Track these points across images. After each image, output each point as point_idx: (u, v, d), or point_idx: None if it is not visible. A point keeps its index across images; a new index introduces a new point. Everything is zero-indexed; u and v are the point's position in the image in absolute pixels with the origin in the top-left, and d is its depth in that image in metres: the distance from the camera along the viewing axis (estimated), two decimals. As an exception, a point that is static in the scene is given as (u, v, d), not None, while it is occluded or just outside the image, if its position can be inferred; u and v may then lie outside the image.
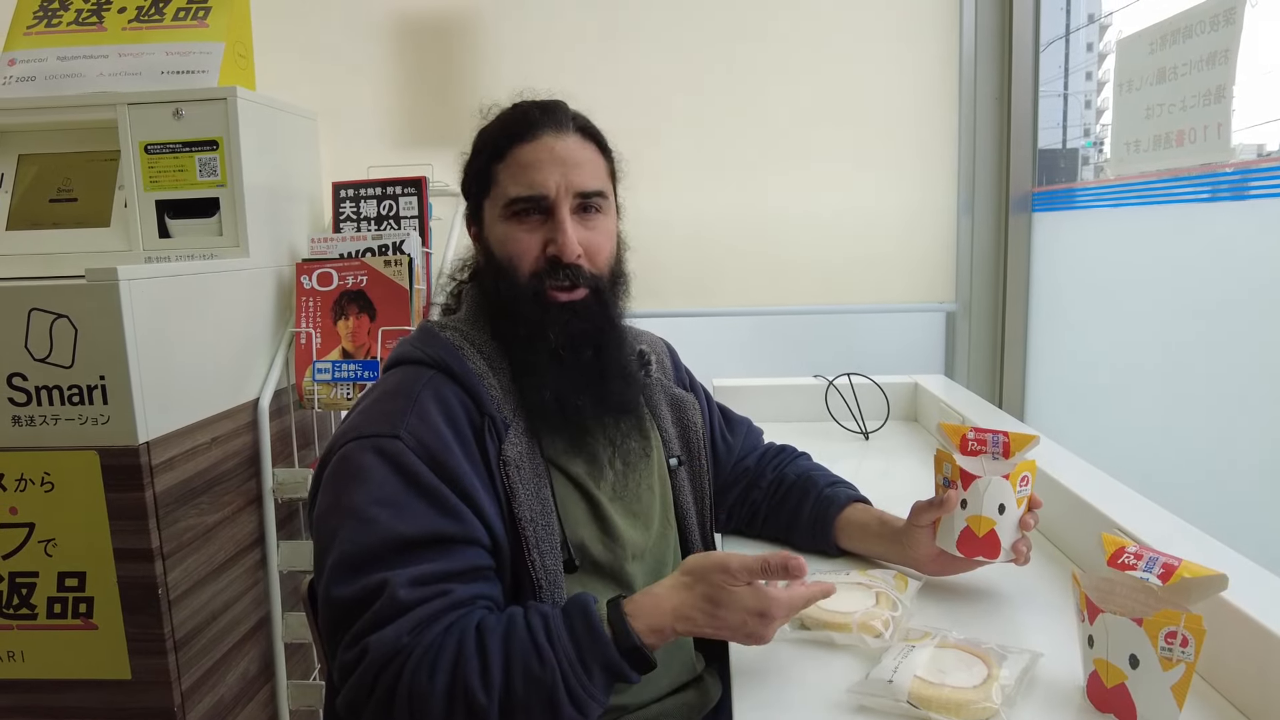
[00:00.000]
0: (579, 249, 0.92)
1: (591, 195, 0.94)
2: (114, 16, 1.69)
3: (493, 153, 0.95)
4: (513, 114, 0.97)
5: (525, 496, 0.88)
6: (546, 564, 0.88)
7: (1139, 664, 0.69)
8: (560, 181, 0.91)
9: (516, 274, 0.93)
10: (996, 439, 0.97)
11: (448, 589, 0.80)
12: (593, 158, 0.96)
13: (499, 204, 0.94)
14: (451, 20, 2.03)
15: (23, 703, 1.33)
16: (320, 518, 0.85)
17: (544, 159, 0.92)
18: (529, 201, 0.92)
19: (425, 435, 0.84)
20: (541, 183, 0.91)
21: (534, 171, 0.91)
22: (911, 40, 1.97)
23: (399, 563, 0.79)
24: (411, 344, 0.95)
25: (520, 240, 0.92)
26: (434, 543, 0.81)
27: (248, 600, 1.57)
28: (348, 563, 0.80)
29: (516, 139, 0.93)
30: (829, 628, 0.87)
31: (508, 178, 0.93)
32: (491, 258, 0.96)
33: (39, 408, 1.26)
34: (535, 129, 0.93)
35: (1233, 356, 1.26)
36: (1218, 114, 1.21)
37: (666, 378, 1.14)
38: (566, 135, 0.94)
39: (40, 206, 1.68)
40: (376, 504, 0.81)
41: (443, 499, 0.83)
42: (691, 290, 2.06)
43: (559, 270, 0.92)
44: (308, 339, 1.69)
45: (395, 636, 0.76)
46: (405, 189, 1.82)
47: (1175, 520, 0.98)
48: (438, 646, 0.76)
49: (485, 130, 0.98)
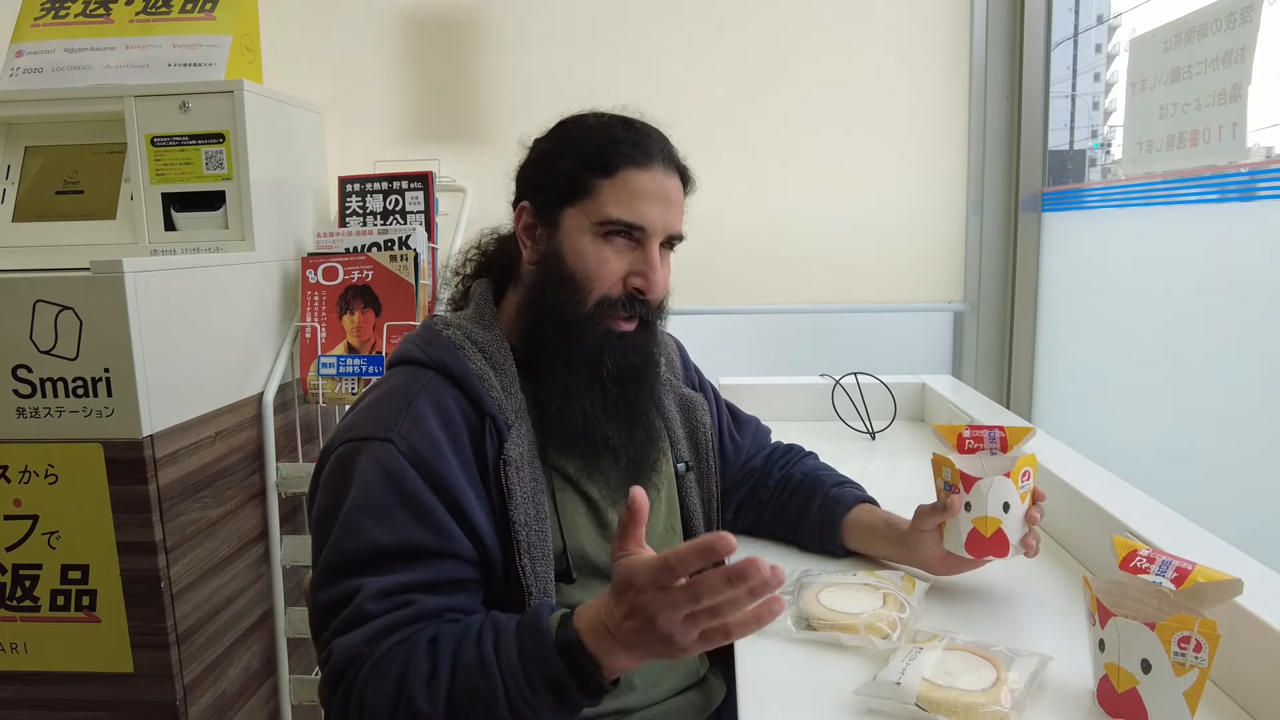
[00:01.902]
0: (666, 288, 0.94)
1: (676, 238, 0.95)
2: (121, 9, 1.68)
3: (599, 163, 0.91)
4: (627, 133, 0.93)
5: (521, 500, 0.87)
6: (537, 570, 0.87)
7: (1151, 669, 0.68)
8: (661, 219, 0.91)
9: (588, 291, 0.91)
10: (993, 434, 0.96)
11: (413, 599, 0.80)
12: (683, 201, 0.97)
13: (592, 218, 0.90)
14: (459, 15, 2.02)
15: (25, 695, 1.33)
16: (316, 521, 0.87)
17: (654, 192, 0.91)
18: (626, 227, 0.90)
19: (417, 439, 0.84)
20: (648, 215, 0.90)
21: (642, 202, 0.90)
22: (922, 39, 1.96)
23: (372, 571, 0.80)
24: (413, 343, 0.95)
25: (607, 261, 0.91)
26: (409, 554, 0.81)
27: (250, 595, 1.57)
28: (328, 568, 0.82)
29: (630, 161, 0.90)
30: (836, 629, 0.86)
31: (612, 197, 0.90)
32: (560, 265, 0.92)
33: (43, 400, 1.26)
34: (651, 159, 0.91)
35: (1242, 357, 1.25)
36: (1233, 114, 1.20)
37: (676, 377, 1.13)
38: (673, 174, 0.94)
39: (46, 198, 1.68)
40: (360, 510, 0.82)
41: (425, 509, 0.82)
42: (700, 289, 2.05)
43: (634, 302, 0.92)
44: (313, 333, 1.69)
45: (355, 644, 0.77)
46: (411, 184, 1.81)
47: (1187, 523, 0.97)
48: (389, 658, 0.77)
49: (588, 134, 0.94)
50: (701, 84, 2.00)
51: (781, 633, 0.88)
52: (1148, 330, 1.51)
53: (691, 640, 0.67)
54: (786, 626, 0.88)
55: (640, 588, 0.67)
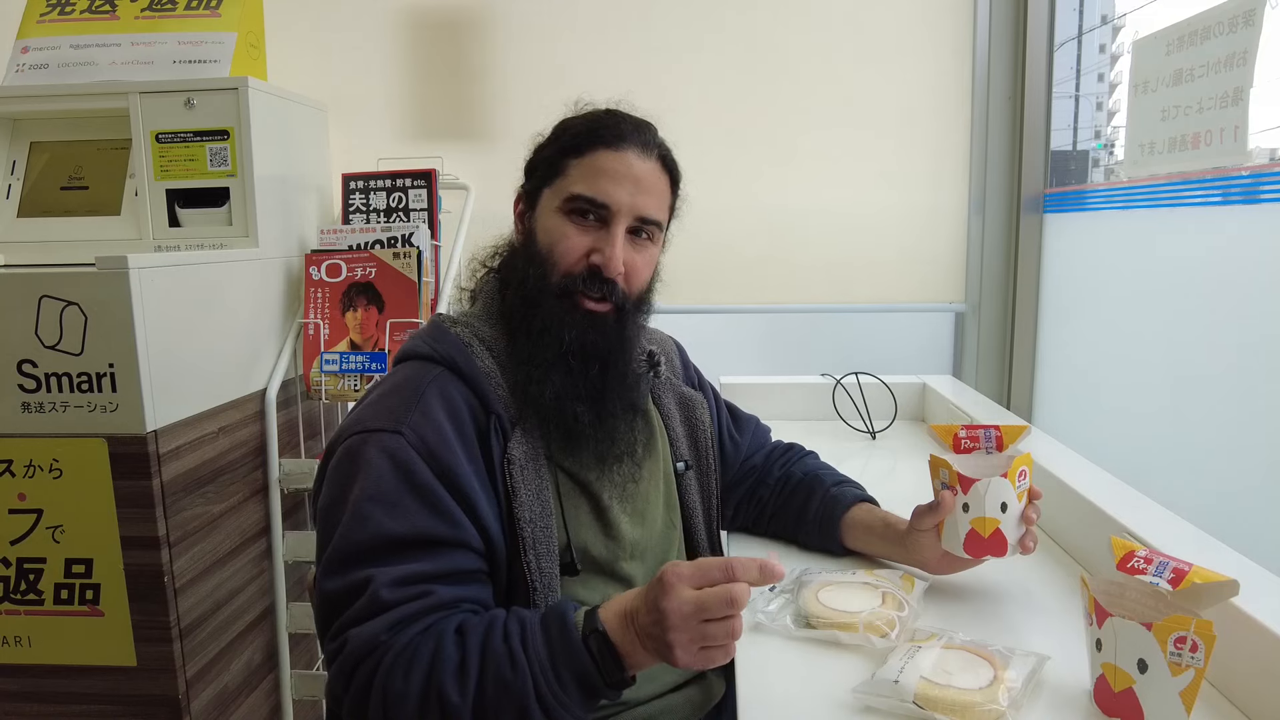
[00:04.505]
0: (622, 268, 0.92)
1: (649, 223, 0.94)
2: (127, 5, 1.69)
3: (572, 146, 0.94)
4: (605, 118, 0.95)
5: (526, 497, 0.87)
6: (542, 566, 0.87)
7: (1147, 669, 0.68)
8: (628, 200, 0.91)
9: (552, 267, 0.92)
10: (989, 434, 0.97)
11: (430, 590, 0.80)
12: (662, 189, 0.96)
13: (560, 196, 0.93)
14: (463, 12, 2.02)
15: (29, 688, 1.34)
16: (322, 512, 0.86)
17: (621, 172, 0.91)
18: (590, 204, 0.91)
19: (427, 432, 0.85)
20: (611, 193, 0.91)
21: (607, 180, 0.91)
22: (925, 40, 1.96)
23: (385, 561, 0.80)
24: (421, 339, 0.95)
25: (569, 237, 0.92)
26: (422, 544, 0.82)
27: (252, 590, 1.57)
28: (338, 557, 0.81)
29: (601, 142, 0.92)
30: (835, 627, 0.86)
31: (579, 175, 0.92)
32: (532, 243, 0.95)
33: (48, 395, 1.26)
34: (623, 140, 0.93)
35: (1243, 359, 1.26)
36: (1235, 116, 1.20)
37: (675, 377, 1.13)
38: (649, 158, 0.94)
39: (51, 194, 1.68)
40: (371, 500, 0.82)
41: (436, 499, 0.83)
42: (701, 287, 2.05)
43: (595, 281, 0.92)
44: (316, 330, 1.69)
45: (374, 633, 0.77)
46: (415, 181, 1.82)
47: (1185, 524, 0.98)
48: (415, 646, 0.77)
49: (571, 122, 0.97)
50: (704, 82, 2.00)
51: (781, 630, 0.88)
52: (1148, 332, 1.51)
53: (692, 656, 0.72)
54: (786, 624, 0.89)
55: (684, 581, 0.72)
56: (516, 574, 0.87)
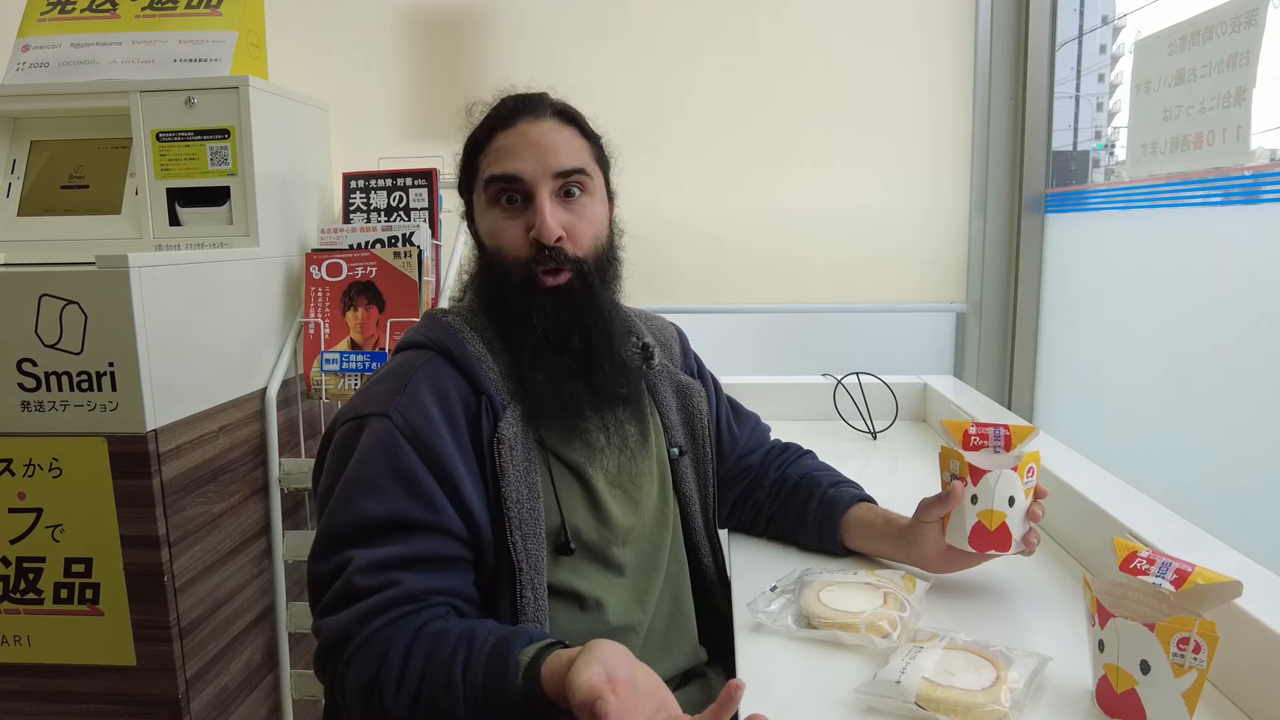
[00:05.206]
0: (559, 230, 0.92)
1: (571, 174, 0.93)
2: (127, 4, 1.69)
3: (476, 143, 0.97)
4: (496, 106, 0.99)
5: (514, 477, 0.88)
6: (529, 547, 0.88)
7: (1150, 670, 0.68)
8: (536, 165, 0.92)
9: (506, 262, 0.94)
10: (998, 433, 0.97)
11: (399, 578, 0.82)
12: (570, 139, 0.96)
13: (483, 191, 0.96)
14: (463, 11, 2.02)
15: (28, 687, 1.33)
16: (319, 498, 0.90)
17: (518, 143, 0.93)
18: (504, 181, 0.93)
19: (413, 414, 0.87)
20: (516, 165, 0.92)
21: (511, 156, 0.93)
22: (927, 40, 1.96)
23: (363, 543, 0.83)
24: (415, 330, 0.99)
25: (504, 228, 0.94)
26: (399, 527, 0.83)
27: (252, 589, 1.57)
28: (324, 539, 0.85)
29: (495, 128, 0.95)
30: (836, 627, 0.86)
31: (486, 164, 0.95)
32: (484, 249, 0.98)
33: (48, 393, 1.26)
34: (513, 117, 0.95)
35: (1244, 359, 1.25)
36: (1237, 117, 1.20)
37: (674, 364, 1.13)
38: (543, 120, 0.95)
39: (52, 193, 1.68)
40: (354, 483, 0.85)
41: (416, 482, 0.84)
42: (702, 287, 2.05)
43: (544, 253, 0.92)
44: (316, 329, 1.69)
45: (342, 625, 0.80)
46: (416, 180, 1.82)
47: (1187, 525, 0.98)
48: (373, 643, 0.79)
49: (474, 128, 1.00)
50: (705, 83, 2.00)
51: (782, 631, 0.88)
52: (1150, 332, 1.51)
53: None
54: (787, 625, 0.88)
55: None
56: (503, 554, 0.88)
